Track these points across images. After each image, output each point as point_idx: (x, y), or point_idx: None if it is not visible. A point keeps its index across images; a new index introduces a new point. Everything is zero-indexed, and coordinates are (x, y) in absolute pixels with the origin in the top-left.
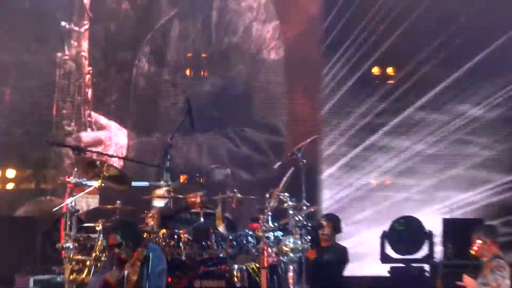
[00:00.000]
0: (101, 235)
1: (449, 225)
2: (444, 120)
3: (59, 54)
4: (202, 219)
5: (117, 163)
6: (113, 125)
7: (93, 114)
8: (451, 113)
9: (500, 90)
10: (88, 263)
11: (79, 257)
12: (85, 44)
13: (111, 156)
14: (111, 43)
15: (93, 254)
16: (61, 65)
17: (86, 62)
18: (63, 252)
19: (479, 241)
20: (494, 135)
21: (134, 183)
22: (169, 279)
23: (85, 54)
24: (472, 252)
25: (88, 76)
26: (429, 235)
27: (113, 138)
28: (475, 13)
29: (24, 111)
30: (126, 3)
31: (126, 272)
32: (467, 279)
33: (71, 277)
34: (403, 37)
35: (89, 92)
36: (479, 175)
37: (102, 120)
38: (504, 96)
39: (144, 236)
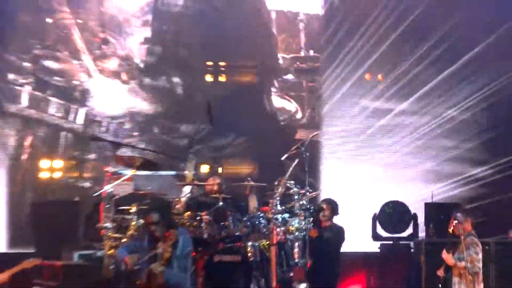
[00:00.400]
0: (135, 216)
1: (430, 208)
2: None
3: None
4: (220, 203)
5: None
6: None
7: None
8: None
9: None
10: (123, 240)
11: (116, 235)
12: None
13: (143, 149)
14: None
15: (128, 233)
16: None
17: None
18: (103, 231)
19: (455, 222)
20: (464, 134)
21: (163, 172)
22: (193, 254)
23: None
24: (450, 231)
25: None
26: (413, 217)
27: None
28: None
29: None
30: None
31: (160, 250)
32: (445, 254)
33: (109, 252)
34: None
35: None
36: (455, 168)
37: None
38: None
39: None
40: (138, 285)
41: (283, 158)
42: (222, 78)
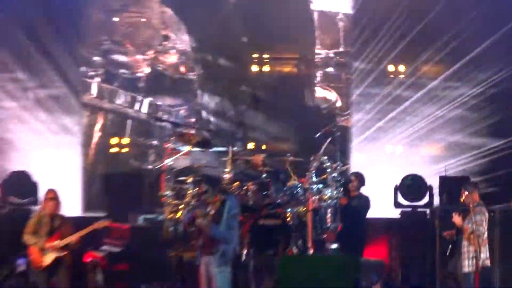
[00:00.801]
0: (191, 186)
1: (444, 181)
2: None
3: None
4: (264, 175)
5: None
6: None
7: None
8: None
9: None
10: (181, 206)
11: (175, 201)
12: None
13: (198, 128)
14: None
15: (185, 200)
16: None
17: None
18: (163, 198)
19: (466, 192)
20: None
21: (215, 148)
22: (241, 218)
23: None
24: (461, 200)
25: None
26: (429, 188)
27: None
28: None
29: None
30: None
31: (208, 208)
32: (456, 217)
33: (169, 216)
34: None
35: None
36: (468, 142)
37: None
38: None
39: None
40: (192, 244)
41: (317, 135)
42: (266, 68)
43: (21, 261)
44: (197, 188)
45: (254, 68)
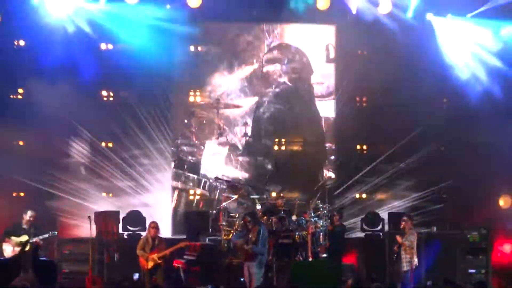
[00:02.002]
0: (238, 219)
1: (390, 215)
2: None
3: None
4: (282, 212)
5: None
6: None
7: None
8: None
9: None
10: (231, 232)
11: (227, 228)
12: None
13: (242, 185)
14: None
15: (234, 228)
16: None
17: None
18: (221, 226)
19: (403, 222)
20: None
21: (252, 196)
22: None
23: None
24: (401, 227)
25: None
26: (382, 220)
27: None
28: None
29: None
30: None
31: (250, 236)
32: (398, 237)
33: (224, 237)
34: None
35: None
36: (404, 194)
37: None
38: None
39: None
40: (239, 257)
41: (315, 188)
42: (283, 147)
43: (136, 276)
44: (243, 220)
45: (276, 147)
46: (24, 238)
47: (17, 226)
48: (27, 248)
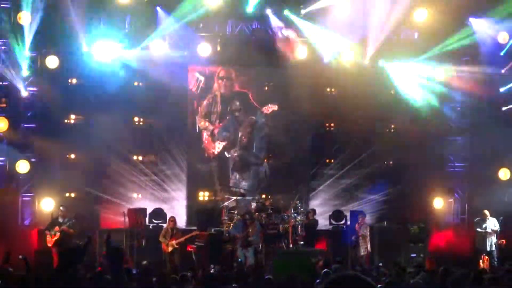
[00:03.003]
0: (237, 214)
1: (351, 213)
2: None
3: None
4: (270, 209)
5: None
6: None
7: None
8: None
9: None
10: (231, 224)
11: (228, 222)
12: None
13: (239, 189)
14: None
15: (233, 221)
16: None
17: None
18: (223, 220)
19: (360, 218)
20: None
21: (247, 198)
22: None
23: None
24: (359, 221)
25: None
26: (345, 216)
27: None
28: None
29: None
30: None
31: (250, 229)
32: (357, 226)
33: (225, 228)
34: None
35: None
36: (362, 196)
37: None
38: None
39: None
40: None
41: (294, 192)
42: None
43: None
44: (243, 217)
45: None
46: (57, 228)
47: (55, 220)
48: (58, 236)
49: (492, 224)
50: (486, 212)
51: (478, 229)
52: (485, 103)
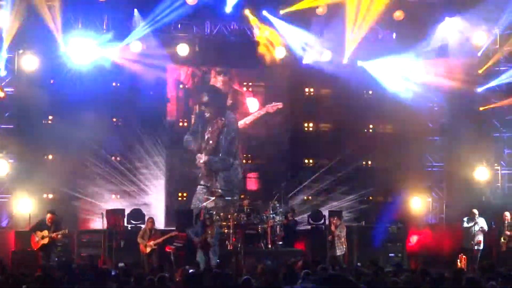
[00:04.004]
0: (214, 215)
1: (331, 213)
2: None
3: None
4: (248, 209)
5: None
6: None
7: None
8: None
9: None
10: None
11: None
12: None
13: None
14: None
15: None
16: None
17: None
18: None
19: (336, 217)
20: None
21: (226, 198)
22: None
23: None
24: (334, 222)
25: None
26: (324, 216)
27: None
28: None
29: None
30: None
31: (209, 231)
32: (333, 227)
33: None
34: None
35: None
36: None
37: None
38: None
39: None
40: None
41: (274, 192)
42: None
43: (121, 264)
44: (203, 219)
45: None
46: (45, 233)
47: (42, 223)
48: (46, 241)
49: (480, 223)
50: (475, 211)
51: (465, 226)
52: (462, 103)
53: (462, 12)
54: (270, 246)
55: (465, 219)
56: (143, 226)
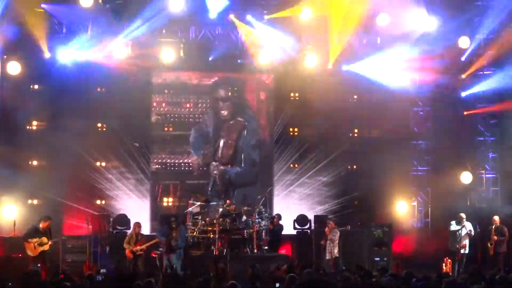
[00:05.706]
0: (200, 220)
1: (316, 217)
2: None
3: None
4: (234, 214)
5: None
6: None
7: None
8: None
9: None
10: (195, 230)
11: (193, 228)
12: None
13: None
14: None
15: (197, 227)
16: None
17: None
18: (187, 225)
19: (328, 222)
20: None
21: (212, 203)
22: (225, 236)
23: None
24: (327, 226)
25: None
26: (310, 220)
27: None
28: None
29: None
30: None
31: (174, 234)
32: (327, 231)
33: (190, 234)
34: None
35: None
36: (327, 201)
37: None
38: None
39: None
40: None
41: (258, 197)
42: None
43: (103, 270)
44: (170, 221)
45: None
46: (44, 239)
47: (34, 229)
48: (47, 248)
49: (467, 227)
50: (463, 215)
51: (453, 229)
52: (447, 107)
53: (446, 16)
54: (255, 251)
55: (453, 222)
56: (128, 231)
